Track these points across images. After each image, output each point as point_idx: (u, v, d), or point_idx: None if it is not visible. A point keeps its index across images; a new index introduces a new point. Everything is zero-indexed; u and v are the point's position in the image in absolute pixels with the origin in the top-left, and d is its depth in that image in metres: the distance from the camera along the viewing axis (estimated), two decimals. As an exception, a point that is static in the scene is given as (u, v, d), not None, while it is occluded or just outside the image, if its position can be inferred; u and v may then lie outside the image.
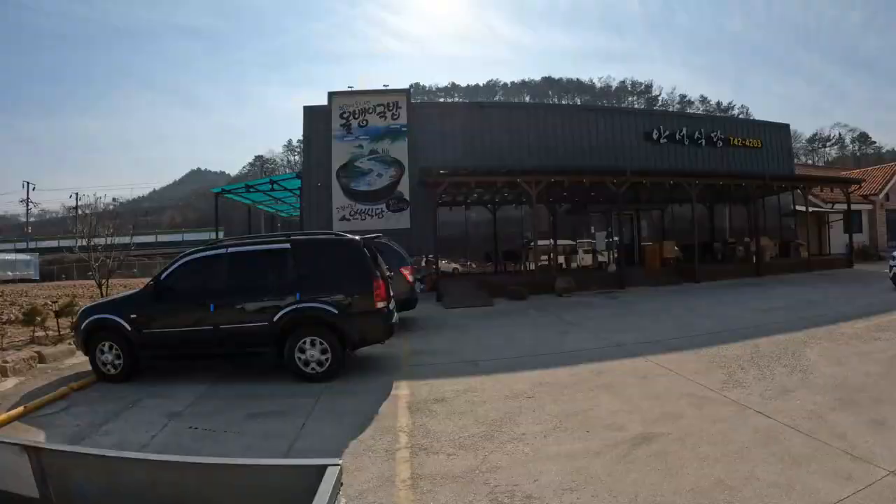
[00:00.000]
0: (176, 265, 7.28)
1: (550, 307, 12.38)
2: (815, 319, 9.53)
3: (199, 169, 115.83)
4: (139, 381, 6.85)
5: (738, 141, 21.20)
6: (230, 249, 7.28)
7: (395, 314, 7.64)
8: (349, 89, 19.93)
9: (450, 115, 19.96)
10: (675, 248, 18.29)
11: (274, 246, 7.22)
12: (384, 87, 19.67)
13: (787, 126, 22.77)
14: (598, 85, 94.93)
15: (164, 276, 7.20)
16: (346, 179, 19.13)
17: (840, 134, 67.92)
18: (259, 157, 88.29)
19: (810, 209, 24.75)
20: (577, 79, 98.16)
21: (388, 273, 8.06)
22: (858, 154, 65.43)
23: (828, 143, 66.74)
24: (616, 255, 18.49)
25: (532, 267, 16.16)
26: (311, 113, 20.06)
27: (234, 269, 7.06)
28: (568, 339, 8.78)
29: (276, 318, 6.71)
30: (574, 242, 20.32)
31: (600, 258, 19.23)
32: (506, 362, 7.31)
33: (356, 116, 19.56)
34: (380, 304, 6.87)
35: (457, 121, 19.52)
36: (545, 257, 17.36)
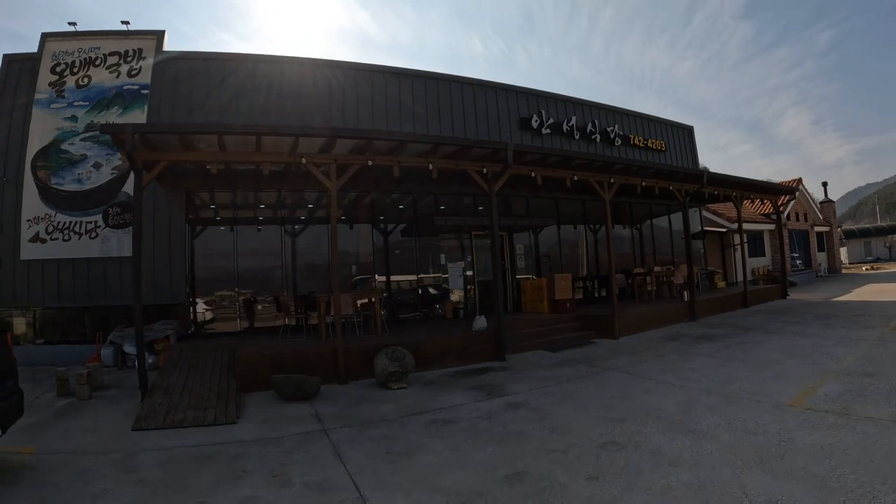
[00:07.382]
0: None
1: (358, 435, 5.57)
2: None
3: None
4: None
5: (640, 140, 16.46)
6: None
7: None
8: (71, 29, 12.20)
9: (230, 72, 12.07)
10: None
11: None
12: (124, 28, 12.16)
13: (691, 129, 18.62)
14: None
15: None
16: (47, 172, 11.32)
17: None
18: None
19: (712, 229, 21.13)
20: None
21: None
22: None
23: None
24: (477, 295, 12.49)
25: (343, 315, 9.39)
26: (10, 64, 12.06)
27: None
28: None
29: None
30: (415, 278, 13.47)
31: (453, 300, 13.04)
32: None
33: (75, 71, 11.88)
34: None
35: (242, 84, 12.20)
36: (364, 302, 10.54)
